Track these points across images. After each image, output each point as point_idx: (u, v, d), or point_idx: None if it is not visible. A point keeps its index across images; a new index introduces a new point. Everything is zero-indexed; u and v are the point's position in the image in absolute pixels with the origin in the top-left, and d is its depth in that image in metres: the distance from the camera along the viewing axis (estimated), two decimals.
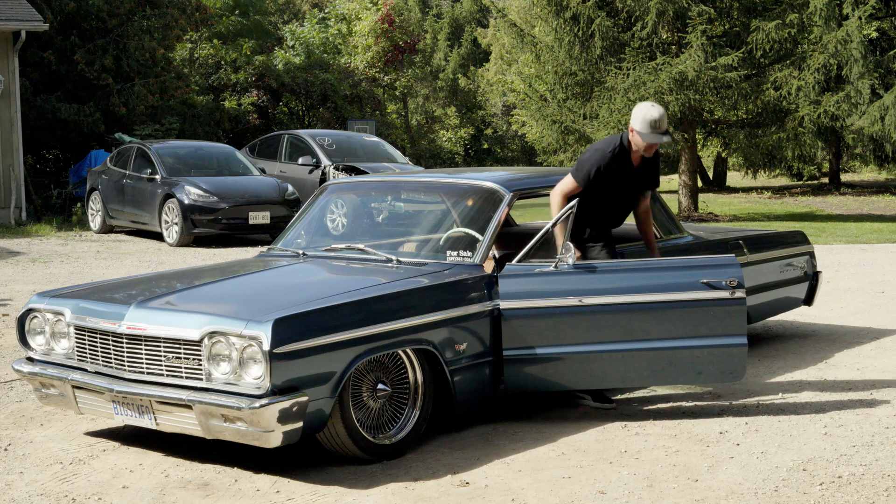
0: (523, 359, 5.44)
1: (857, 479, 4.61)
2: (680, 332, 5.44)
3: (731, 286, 5.44)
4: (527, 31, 22.71)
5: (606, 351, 5.44)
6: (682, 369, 5.52)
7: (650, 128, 5.73)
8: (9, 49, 18.66)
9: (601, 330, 5.43)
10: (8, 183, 18.71)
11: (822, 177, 33.98)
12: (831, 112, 19.22)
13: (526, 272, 5.47)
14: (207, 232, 15.13)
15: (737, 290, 5.45)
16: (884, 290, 10.43)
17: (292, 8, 47.33)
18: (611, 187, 5.88)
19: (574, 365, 5.46)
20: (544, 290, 5.42)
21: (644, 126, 5.73)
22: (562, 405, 5.92)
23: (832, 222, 19.26)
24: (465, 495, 4.48)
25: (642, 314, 5.45)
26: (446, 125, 39.05)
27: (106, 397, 4.92)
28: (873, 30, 26.67)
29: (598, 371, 5.50)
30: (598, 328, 5.43)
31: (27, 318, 5.38)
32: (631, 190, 6.03)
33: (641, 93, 18.65)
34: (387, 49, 31.79)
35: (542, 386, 5.57)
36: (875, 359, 7.12)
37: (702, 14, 18.62)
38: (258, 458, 4.96)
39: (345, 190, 6.91)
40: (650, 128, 5.73)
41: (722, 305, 5.44)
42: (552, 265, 5.45)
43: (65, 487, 4.64)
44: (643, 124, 5.74)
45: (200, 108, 25.21)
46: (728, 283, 5.45)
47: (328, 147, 17.71)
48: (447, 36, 53.36)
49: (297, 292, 5.27)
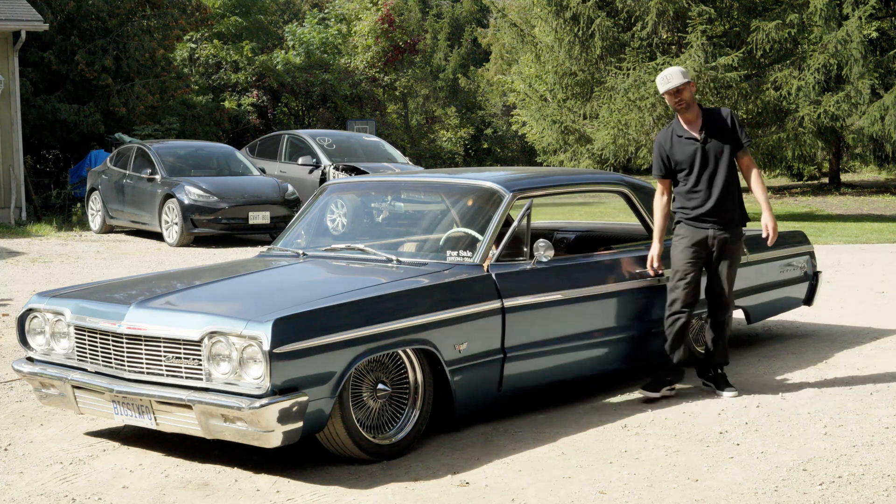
0: (524, 356, 5.50)
1: (857, 479, 4.61)
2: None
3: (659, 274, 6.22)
4: (527, 31, 22.72)
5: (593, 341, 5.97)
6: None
7: (662, 83, 6.00)
8: (9, 49, 18.66)
9: (586, 319, 5.93)
10: (8, 183, 18.72)
11: (822, 177, 33.96)
12: (831, 112, 19.22)
13: (519, 269, 5.58)
14: (207, 232, 15.13)
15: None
16: (884, 290, 10.42)
17: (292, 8, 47.34)
18: (686, 163, 6.04)
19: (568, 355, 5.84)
20: (535, 285, 5.63)
21: (659, 86, 6.03)
22: (562, 405, 5.92)
23: (832, 222, 19.26)
24: (465, 495, 4.48)
25: (607, 304, 6.08)
26: (446, 125, 39.07)
27: (106, 397, 4.92)
28: (873, 30, 26.66)
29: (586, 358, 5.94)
30: (584, 318, 5.92)
31: (27, 318, 5.38)
32: (711, 157, 6.04)
33: (641, 93, 18.65)
34: (387, 49, 31.80)
35: (545, 379, 5.76)
36: (875, 359, 7.12)
37: (702, 14, 18.62)
38: (258, 458, 4.96)
39: (345, 190, 6.91)
40: (662, 83, 6.00)
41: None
42: (530, 263, 5.67)
43: (65, 487, 4.64)
44: (659, 85, 6.03)
45: (200, 108, 25.22)
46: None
47: (328, 147, 17.71)
48: (447, 36, 53.40)
49: (297, 292, 5.27)
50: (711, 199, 6.00)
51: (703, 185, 6.02)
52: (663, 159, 6.11)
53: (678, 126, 6.10)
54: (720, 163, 6.01)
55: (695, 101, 6.06)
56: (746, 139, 6.06)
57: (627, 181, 6.73)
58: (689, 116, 6.05)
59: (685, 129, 6.06)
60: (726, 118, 6.06)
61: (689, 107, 6.02)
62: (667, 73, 6.00)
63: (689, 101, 6.01)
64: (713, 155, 6.01)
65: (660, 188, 6.20)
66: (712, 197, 6.00)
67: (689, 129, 6.05)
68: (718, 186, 6.00)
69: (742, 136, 6.04)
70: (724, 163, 6.01)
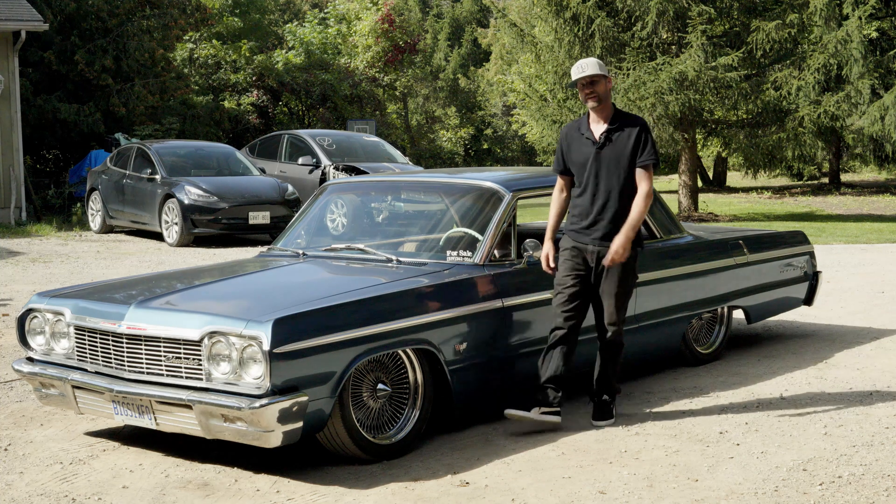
0: (524, 356, 5.50)
1: (857, 479, 4.61)
2: None
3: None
4: (527, 31, 22.72)
5: None
6: None
7: (576, 71, 5.43)
8: (9, 49, 18.66)
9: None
10: (8, 183, 18.71)
11: (822, 177, 34.00)
12: (831, 112, 19.22)
13: (509, 269, 5.59)
14: (207, 232, 15.13)
15: None
16: (884, 290, 10.43)
17: (292, 8, 47.34)
18: (578, 166, 5.48)
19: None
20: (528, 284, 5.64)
21: (573, 74, 5.46)
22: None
23: (832, 222, 19.26)
24: (465, 495, 4.48)
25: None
26: (446, 125, 39.06)
27: (106, 397, 4.92)
28: (873, 30, 26.67)
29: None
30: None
31: (27, 318, 5.38)
32: (604, 165, 5.42)
33: (641, 93, 18.66)
34: (387, 49, 31.78)
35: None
36: (875, 359, 7.12)
37: (702, 14, 18.62)
38: (258, 458, 4.96)
39: (345, 190, 6.91)
40: (576, 71, 5.43)
41: None
42: (520, 262, 5.65)
43: (65, 487, 4.64)
44: (573, 73, 5.46)
45: (200, 108, 25.21)
46: None
47: (328, 147, 17.71)
48: (447, 36, 53.42)
49: (297, 292, 5.28)
50: (594, 211, 5.41)
51: (589, 193, 5.44)
52: (563, 153, 5.56)
53: (584, 123, 5.53)
54: (612, 173, 5.39)
55: (609, 101, 5.49)
56: (649, 157, 5.36)
57: None
58: (599, 115, 5.46)
59: (589, 128, 5.49)
60: (635, 127, 5.41)
61: (600, 102, 5.42)
62: (583, 61, 5.42)
63: (602, 96, 5.41)
64: (606, 163, 5.39)
65: (559, 184, 5.63)
66: (595, 209, 5.41)
67: (592, 130, 5.48)
68: (603, 198, 5.39)
69: (643, 153, 5.36)
70: (618, 175, 5.39)
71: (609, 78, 5.47)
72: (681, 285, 6.66)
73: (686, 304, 6.69)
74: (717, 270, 6.95)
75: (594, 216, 5.41)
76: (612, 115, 5.46)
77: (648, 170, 5.38)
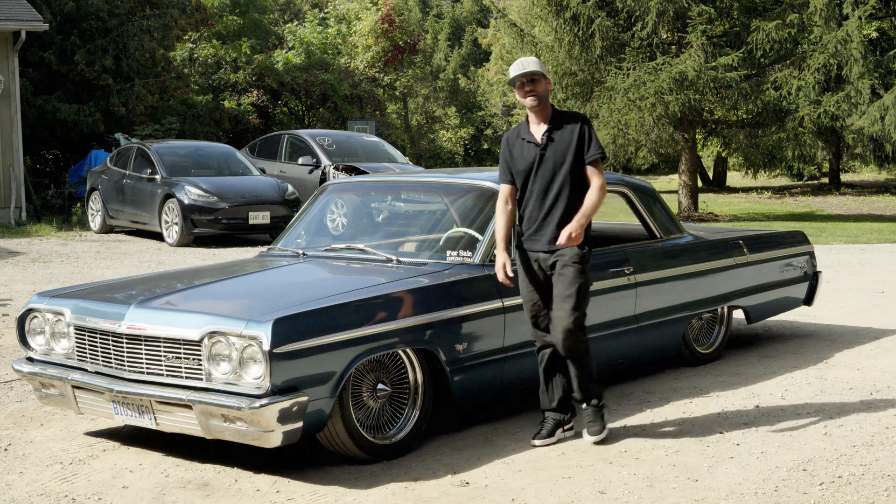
0: (524, 355, 5.50)
1: (857, 479, 4.61)
2: None
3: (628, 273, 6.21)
4: (527, 31, 22.72)
5: None
6: None
7: (516, 68, 5.23)
8: (9, 49, 18.67)
9: None
10: (8, 183, 18.72)
11: (822, 177, 34.01)
12: (831, 112, 19.23)
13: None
14: (207, 232, 15.13)
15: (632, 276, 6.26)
16: (884, 290, 10.43)
17: (292, 8, 47.34)
18: (524, 172, 5.29)
19: None
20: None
21: (512, 71, 5.26)
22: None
23: (832, 222, 19.27)
24: (465, 495, 4.48)
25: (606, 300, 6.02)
26: (446, 125, 39.06)
27: (106, 397, 4.92)
28: (873, 30, 26.68)
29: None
30: None
31: (27, 318, 5.38)
32: (549, 167, 5.23)
33: (641, 93, 18.66)
34: (387, 49, 31.79)
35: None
36: (875, 359, 7.12)
37: (702, 14, 18.63)
38: (258, 458, 4.96)
39: (345, 190, 6.91)
40: (516, 68, 5.23)
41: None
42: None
43: (65, 487, 4.64)
44: (512, 70, 5.26)
45: (200, 108, 25.22)
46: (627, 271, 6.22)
47: (328, 147, 17.72)
48: (447, 36, 53.41)
49: (297, 292, 5.27)
50: (540, 216, 5.20)
51: (536, 198, 5.22)
52: (507, 161, 5.32)
53: (524, 128, 5.33)
54: (557, 175, 5.18)
55: (548, 101, 5.28)
56: (596, 152, 5.17)
57: (627, 181, 6.73)
58: (539, 117, 5.26)
59: (530, 131, 5.29)
60: (577, 124, 5.22)
61: (539, 102, 5.21)
62: (523, 59, 5.20)
63: (542, 96, 5.21)
64: (551, 165, 5.19)
65: (503, 194, 5.32)
66: (543, 211, 5.20)
67: (533, 132, 5.28)
68: (552, 199, 5.19)
69: (590, 148, 5.18)
70: (563, 176, 5.17)
71: (549, 79, 5.31)
72: (681, 285, 6.66)
73: (686, 304, 6.69)
74: (717, 270, 6.95)
75: (542, 218, 5.20)
76: (552, 115, 5.27)
77: (597, 165, 5.20)
